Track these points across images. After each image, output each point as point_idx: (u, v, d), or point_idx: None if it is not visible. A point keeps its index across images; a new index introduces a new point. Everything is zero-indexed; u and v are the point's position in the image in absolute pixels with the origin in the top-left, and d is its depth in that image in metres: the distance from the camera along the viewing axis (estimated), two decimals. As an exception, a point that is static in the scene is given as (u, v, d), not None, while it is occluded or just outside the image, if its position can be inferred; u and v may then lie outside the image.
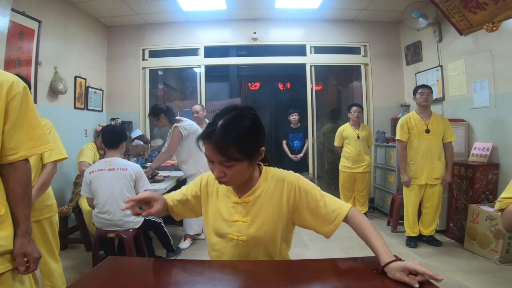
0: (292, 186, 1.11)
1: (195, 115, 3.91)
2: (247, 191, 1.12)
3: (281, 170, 1.18)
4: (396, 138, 3.24)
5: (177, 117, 3.32)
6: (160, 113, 3.20)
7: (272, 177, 1.14)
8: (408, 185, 3.15)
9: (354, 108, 4.02)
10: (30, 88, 3.02)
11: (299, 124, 4.76)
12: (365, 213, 4.20)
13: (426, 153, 3.09)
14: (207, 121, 4.02)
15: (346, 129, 4.08)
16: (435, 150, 3.11)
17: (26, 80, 1.83)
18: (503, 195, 0.94)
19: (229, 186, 1.14)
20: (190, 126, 3.25)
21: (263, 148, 1.07)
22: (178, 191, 1.28)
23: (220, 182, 1.06)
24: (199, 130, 3.38)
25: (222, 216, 1.14)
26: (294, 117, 4.66)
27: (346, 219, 1.07)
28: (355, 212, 1.08)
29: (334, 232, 1.09)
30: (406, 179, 3.15)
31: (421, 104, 3.14)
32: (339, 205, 1.09)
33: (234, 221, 1.12)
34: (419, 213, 3.25)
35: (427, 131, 3.09)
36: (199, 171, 3.25)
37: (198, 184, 1.23)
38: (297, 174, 1.17)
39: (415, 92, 3.22)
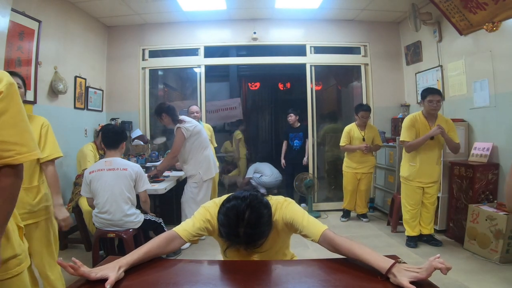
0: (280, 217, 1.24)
1: (194, 115, 3.86)
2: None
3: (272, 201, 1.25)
4: (402, 139, 3.10)
5: (181, 117, 3.28)
6: (162, 112, 3.20)
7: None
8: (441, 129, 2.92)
9: (362, 113, 3.88)
10: (30, 88, 3.07)
11: (298, 124, 4.78)
12: (365, 214, 4.20)
13: (426, 157, 3.06)
14: (201, 122, 4.01)
15: (352, 130, 3.98)
16: (436, 154, 3.09)
17: (20, 76, 1.82)
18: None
19: None
20: (193, 127, 3.24)
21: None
22: (193, 225, 1.23)
23: None
24: (203, 130, 3.39)
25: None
26: (290, 118, 4.76)
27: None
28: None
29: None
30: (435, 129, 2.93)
31: (429, 112, 3.02)
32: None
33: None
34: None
35: (431, 137, 3.01)
36: (199, 172, 3.26)
37: (207, 230, 1.23)
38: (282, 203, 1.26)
39: (424, 97, 3.02)
